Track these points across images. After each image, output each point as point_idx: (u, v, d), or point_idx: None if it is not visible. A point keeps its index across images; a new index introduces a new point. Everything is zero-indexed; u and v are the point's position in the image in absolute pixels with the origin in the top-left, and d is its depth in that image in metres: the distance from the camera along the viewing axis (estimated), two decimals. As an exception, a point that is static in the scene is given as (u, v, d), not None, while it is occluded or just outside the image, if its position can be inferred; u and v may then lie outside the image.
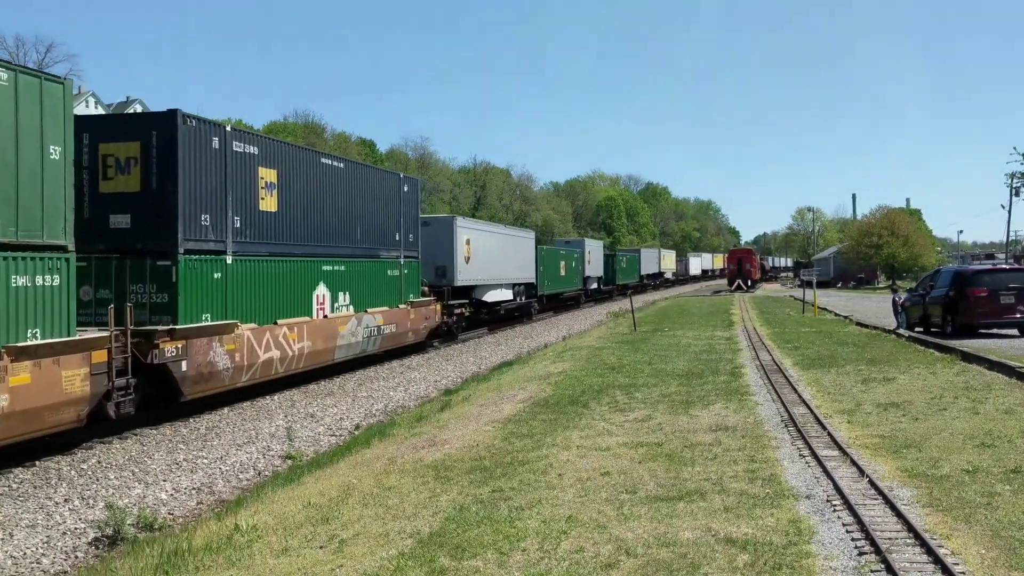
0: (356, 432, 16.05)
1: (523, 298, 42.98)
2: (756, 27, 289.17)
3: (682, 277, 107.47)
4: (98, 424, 14.20)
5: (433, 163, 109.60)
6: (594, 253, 63.14)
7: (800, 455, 10.24)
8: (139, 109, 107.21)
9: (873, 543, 6.83)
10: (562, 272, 51.82)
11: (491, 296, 37.78)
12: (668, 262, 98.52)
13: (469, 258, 33.99)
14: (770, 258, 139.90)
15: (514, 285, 41.24)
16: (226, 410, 17.42)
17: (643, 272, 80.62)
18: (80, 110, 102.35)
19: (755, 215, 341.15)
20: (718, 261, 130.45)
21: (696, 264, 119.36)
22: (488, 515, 8.03)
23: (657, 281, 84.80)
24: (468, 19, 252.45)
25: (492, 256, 37.05)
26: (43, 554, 9.43)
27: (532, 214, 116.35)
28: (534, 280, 44.43)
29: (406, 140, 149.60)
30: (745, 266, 76.90)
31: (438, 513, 8.29)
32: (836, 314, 38.52)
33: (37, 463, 12.77)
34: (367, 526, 8.14)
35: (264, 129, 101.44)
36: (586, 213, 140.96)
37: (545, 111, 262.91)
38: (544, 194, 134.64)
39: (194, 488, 12.21)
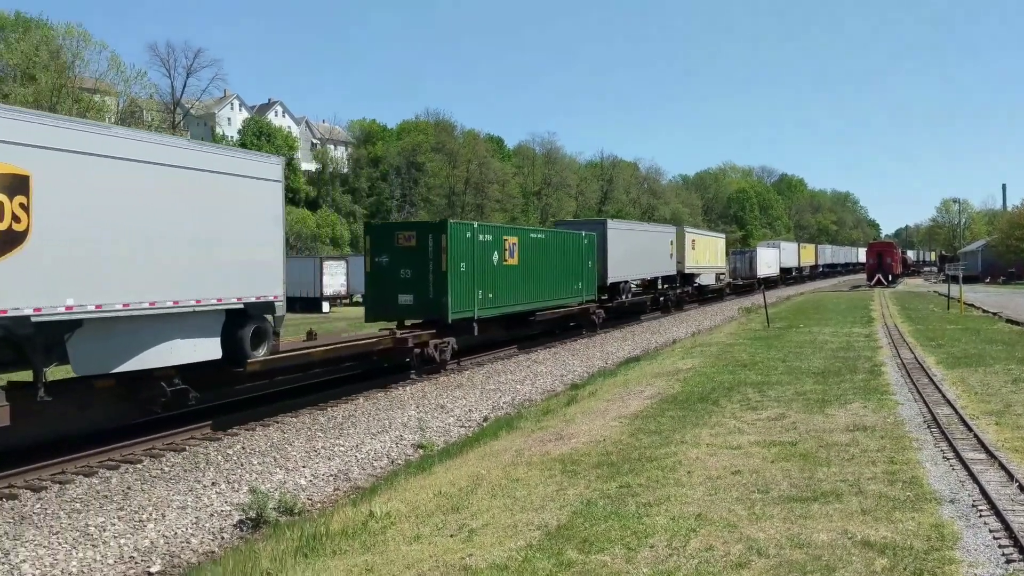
0: (484, 424, 16.30)
1: None
2: (895, 16, 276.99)
3: (743, 281, 63.98)
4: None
5: (560, 158, 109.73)
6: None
7: (944, 457, 9.78)
8: (279, 111, 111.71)
9: (1023, 551, 6.47)
10: None
11: None
12: (706, 253, 50.43)
13: None
14: (912, 251, 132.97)
15: None
16: (361, 399, 17.99)
17: (617, 278, 34.69)
18: (225, 112, 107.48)
19: (896, 207, 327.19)
20: (808, 255, 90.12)
21: (770, 259, 70.47)
22: (615, 510, 8.02)
23: (661, 298, 42.82)
24: (595, 11, 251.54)
25: None
26: (192, 534, 9.99)
27: (660, 208, 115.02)
28: None
29: (533, 136, 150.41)
30: (886, 260, 73.72)
31: (565, 506, 8.34)
32: (984, 310, 36.50)
33: (187, 448, 13.52)
34: (496, 516, 8.26)
35: (397, 128, 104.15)
36: (716, 206, 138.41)
37: (675, 103, 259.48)
38: (673, 187, 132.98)
39: (331, 475, 12.67)
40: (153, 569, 9.01)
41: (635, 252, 37.34)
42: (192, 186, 13.54)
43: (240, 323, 14.59)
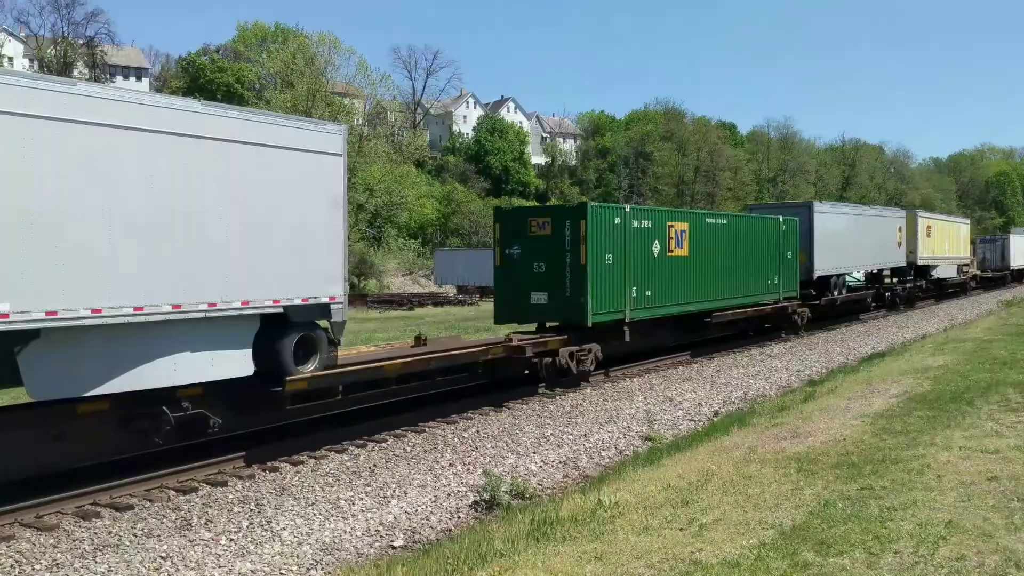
0: (715, 418, 16.00)
1: None
2: None
3: (993, 273, 57.57)
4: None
5: (796, 143, 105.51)
6: None
7: None
8: (511, 107, 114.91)
9: None
10: None
11: None
12: (944, 241, 44.78)
13: None
14: None
15: None
16: (588, 389, 18.18)
17: (826, 271, 30.31)
18: (461, 111, 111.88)
19: None
20: None
21: None
22: (856, 513, 7.64)
23: (887, 293, 37.88)
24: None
25: None
26: (431, 512, 10.53)
27: (909, 193, 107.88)
28: None
29: (768, 121, 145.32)
30: None
31: (801, 506, 8.03)
32: None
33: (426, 430, 14.25)
34: (726, 513, 8.10)
35: (626, 119, 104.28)
36: (973, 191, 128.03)
37: (924, 83, 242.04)
38: (922, 171, 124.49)
39: (560, 462, 12.92)
40: (396, 543, 9.58)
41: (851, 240, 32.38)
42: (207, 159, 10.66)
43: (282, 331, 11.71)
